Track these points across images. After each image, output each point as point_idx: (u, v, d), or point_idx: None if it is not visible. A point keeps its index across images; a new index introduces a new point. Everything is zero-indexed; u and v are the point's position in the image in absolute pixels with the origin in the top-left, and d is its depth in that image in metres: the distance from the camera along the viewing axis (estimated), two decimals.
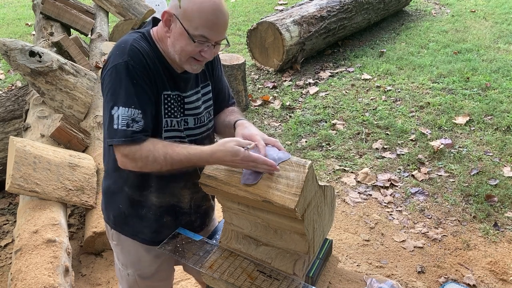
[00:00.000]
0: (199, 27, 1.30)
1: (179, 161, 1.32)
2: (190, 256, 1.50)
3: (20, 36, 6.75)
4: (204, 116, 1.55)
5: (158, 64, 1.39)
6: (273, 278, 1.41)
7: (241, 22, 6.99)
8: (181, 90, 1.46)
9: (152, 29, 1.45)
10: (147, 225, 1.57)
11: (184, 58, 1.37)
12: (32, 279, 2.01)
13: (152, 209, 1.55)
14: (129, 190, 1.52)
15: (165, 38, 1.39)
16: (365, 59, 5.51)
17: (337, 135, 4.04)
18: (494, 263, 2.69)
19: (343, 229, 3.01)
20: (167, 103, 1.42)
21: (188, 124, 1.50)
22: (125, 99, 1.31)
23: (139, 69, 1.33)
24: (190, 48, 1.34)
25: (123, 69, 1.32)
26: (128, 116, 1.30)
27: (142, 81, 1.34)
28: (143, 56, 1.35)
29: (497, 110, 4.24)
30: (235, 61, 4.37)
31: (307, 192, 1.30)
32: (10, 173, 2.47)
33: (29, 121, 3.18)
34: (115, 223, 1.61)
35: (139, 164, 1.33)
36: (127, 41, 1.37)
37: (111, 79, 1.34)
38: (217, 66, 1.61)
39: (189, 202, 1.60)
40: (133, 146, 1.31)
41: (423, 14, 7.07)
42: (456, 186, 3.35)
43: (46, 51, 3.15)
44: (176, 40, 1.35)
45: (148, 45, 1.39)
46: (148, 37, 1.42)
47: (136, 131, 1.31)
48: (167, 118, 1.42)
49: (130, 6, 4.99)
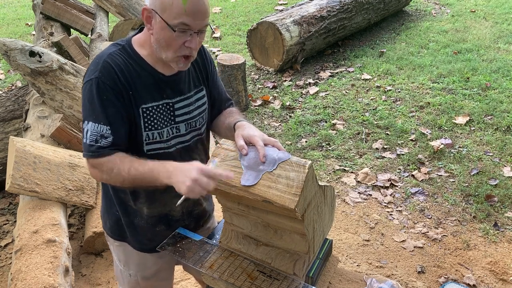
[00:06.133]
0: (177, 15, 1.27)
1: (141, 173, 1.31)
2: (190, 256, 1.50)
3: (20, 36, 6.75)
4: (197, 121, 1.53)
5: (138, 76, 1.37)
6: (273, 278, 1.41)
7: (241, 22, 6.99)
8: (169, 97, 1.44)
9: (134, 37, 1.43)
10: (141, 233, 1.58)
11: (171, 56, 1.34)
12: (32, 279, 2.01)
13: (144, 219, 1.56)
14: (123, 198, 1.54)
15: (149, 39, 1.37)
16: (365, 59, 5.51)
17: (337, 135, 4.04)
18: (494, 263, 2.69)
19: (343, 229, 3.01)
20: (146, 116, 1.40)
21: (180, 131, 1.48)
22: (94, 115, 1.33)
23: (109, 85, 1.33)
24: (173, 40, 1.30)
25: (94, 85, 1.33)
26: (97, 132, 1.33)
27: (113, 97, 1.34)
28: (115, 72, 1.34)
29: (497, 110, 4.24)
30: (235, 61, 4.37)
31: (307, 192, 1.30)
32: (10, 173, 2.47)
33: (29, 121, 3.18)
34: (112, 231, 1.63)
35: (104, 176, 1.36)
36: (102, 56, 1.37)
37: (84, 94, 1.36)
38: (211, 70, 1.59)
39: (180, 210, 1.60)
40: (100, 159, 1.34)
41: (423, 14, 7.07)
42: (456, 186, 3.35)
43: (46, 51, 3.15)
44: (159, 35, 1.32)
45: (126, 58, 1.37)
46: (128, 48, 1.40)
47: (103, 147, 1.33)
48: (148, 131, 1.41)
49: (130, 6, 4.99)
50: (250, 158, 1.36)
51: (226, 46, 6.11)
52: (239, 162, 1.36)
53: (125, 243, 1.63)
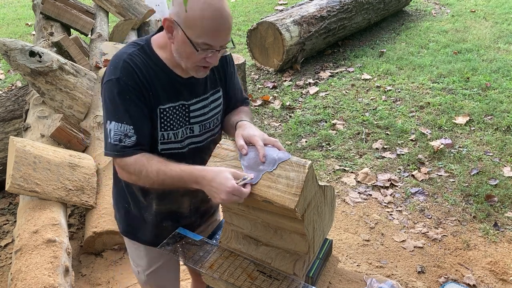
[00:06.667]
0: (201, 35, 1.28)
1: (170, 177, 1.33)
2: (190, 256, 1.50)
3: (20, 36, 6.75)
4: (211, 122, 1.54)
5: (156, 77, 1.38)
6: (273, 278, 1.41)
7: (241, 22, 6.99)
8: (186, 98, 1.44)
9: (153, 37, 1.43)
10: (148, 227, 1.62)
11: (190, 66, 1.36)
12: (32, 279, 2.01)
13: (152, 214, 1.59)
14: (132, 193, 1.57)
15: (169, 44, 1.38)
16: (365, 59, 5.51)
17: (337, 135, 4.04)
18: (494, 263, 2.69)
19: (343, 229, 3.01)
20: (163, 117, 1.41)
21: (193, 131, 1.49)
22: (117, 115, 1.34)
23: (131, 85, 1.33)
24: (194, 56, 1.32)
25: (115, 85, 1.33)
26: (121, 131, 1.34)
27: (135, 97, 1.34)
28: (135, 72, 1.34)
29: (497, 110, 4.24)
30: (235, 61, 4.36)
31: (307, 192, 1.30)
32: (10, 173, 2.47)
33: (29, 121, 3.18)
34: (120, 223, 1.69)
35: (133, 177, 1.38)
36: (121, 56, 1.37)
37: (106, 95, 1.36)
38: (229, 70, 1.58)
39: (188, 207, 1.62)
40: (126, 158, 1.35)
41: (423, 14, 7.07)
42: (456, 186, 3.35)
43: (46, 51, 3.15)
44: (180, 47, 1.33)
45: (145, 58, 1.38)
46: (147, 48, 1.40)
47: (128, 146, 1.34)
48: (163, 131, 1.42)
49: (130, 6, 4.99)
50: (250, 158, 1.36)
51: None
52: (239, 162, 1.36)
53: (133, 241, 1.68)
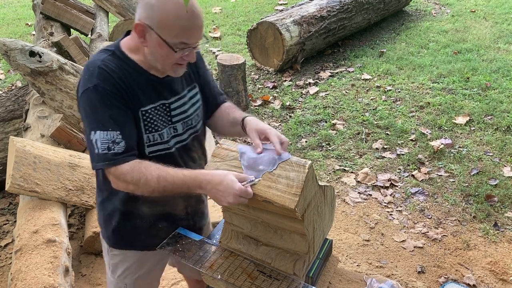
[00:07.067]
0: (178, 35, 1.28)
1: (172, 183, 1.30)
2: (190, 256, 1.50)
3: (20, 36, 6.75)
4: (193, 119, 1.53)
5: (133, 79, 1.36)
6: (273, 278, 1.41)
7: (241, 22, 6.99)
8: (165, 98, 1.43)
9: (122, 41, 1.41)
10: (142, 233, 1.56)
11: (167, 66, 1.35)
12: (32, 279, 2.01)
13: (145, 219, 1.53)
14: (119, 204, 1.50)
15: (141, 48, 1.36)
16: (365, 59, 5.51)
17: (337, 135, 4.04)
18: (494, 263, 2.69)
19: (343, 229, 3.01)
20: (146, 119, 1.39)
21: (177, 130, 1.48)
22: (101, 123, 1.29)
23: (110, 90, 1.30)
24: (172, 56, 1.32)
25: (94, 93, 1.29)
26: (108, 139, 1.29)
27: (116, 101, 1.31)
28: (112, 77, 1.31)
29: (497, 110, 4.24)
30: (235, 61, 4.37)
31: (307, 192, 1.30)
32: (10, 173, 2.47)
33: (29, 121, 3.18)
34: (112, 240, 1.60)
35: (130, 186, 1.32)
36: (95, 63, 1.33)
37: (85, 105, 1.32)
38: (201, 66, 1.58)
39: (184, 209, 1.59)
40: (120, 167, 1.30)
41: (423, 14, 7.07)
42: (456, 186, 3.35)
43: (46, 51, 3.15)
44: (155, 50, 1.32)
45: (119, 63, 1.35)
46: (119, 53, 1.38)
47: (118, 153, 1.29)
48: (148, 133, 1.40)
49: (130, 6, 4.99)
50: (250, 158, 1.36)
51: (226, 46, 6.11)
52: (239, 162, 1.36)
53: (123, 250, 1.60)
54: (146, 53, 1.35)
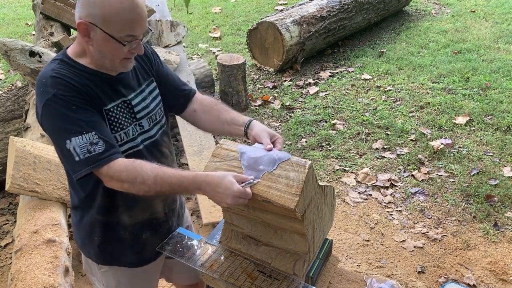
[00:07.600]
0: (123, 28, 1.27)
1: (169, 184, 1.29)
2: (190, 256, 1.50)
3: (20, 36, 6.75)
4: (157, 113, 1.51)
5: (89, 81, 1.33)
6: (273, 278, 1.41)
7: (241, 22, 6.99)
8: (124, 94, 1.42)
9: (68, 49, 1.39)
10: (128, 247, 1.54)
11: (116, 62, 1.34)
12: (32, 279, 2.01)
13: (128, 229, 1.51)
14: (99, 215, 1.47)
15: (88, 49, 1.34)
16: (365, 59, 5.51)
17: (337, 135, 4.04)
18: (494, 263, 2.69)
19: (343, 229, 3.01)
20: (110, 118, 1.36)
21: (143, 127, 1.46)
22: (72, 129, 1.25)
23: (70, 95, 1.27)
24: (120, 50, 1.31)
25: (55, 102, 1.25)
26: (85, 142, 1.25)
27: (80, 103, 1.28)
28: (68, 82, 1.28)
29: (497, 110, 4.24)
30: (235, 61, 4.37)
31: (307, 192, 1.30)
32: (10, 173, 2.47)
33: (29, 121, 3.18)
34: (99, 257, 1.56)
35: (125, 185, 1.29)
36: (46, 74, 1.30)
37: (49, 118, 1.27)
38: (155, 60, 1.57)
39: (163, 210, 1.58)
40: (113, 165, 1.27)
41: (423, 14, 7.07)
42: (456, 186, 3.36)
43: (46, 51, 3.15)
44: (102, 47, 1.30)
45: (69, 68, 1.32)
46: (67, 59, 1.35)
47: (101, 152, 1.26)
48: (115, 133, 1.37)
49: None
50: (250, 158, 1.36)
51: (226, 46, 6.11)
52: (239, 162, 1.36)
53: (113, 266, 1.58)
54: (93, 53, 1.33)
